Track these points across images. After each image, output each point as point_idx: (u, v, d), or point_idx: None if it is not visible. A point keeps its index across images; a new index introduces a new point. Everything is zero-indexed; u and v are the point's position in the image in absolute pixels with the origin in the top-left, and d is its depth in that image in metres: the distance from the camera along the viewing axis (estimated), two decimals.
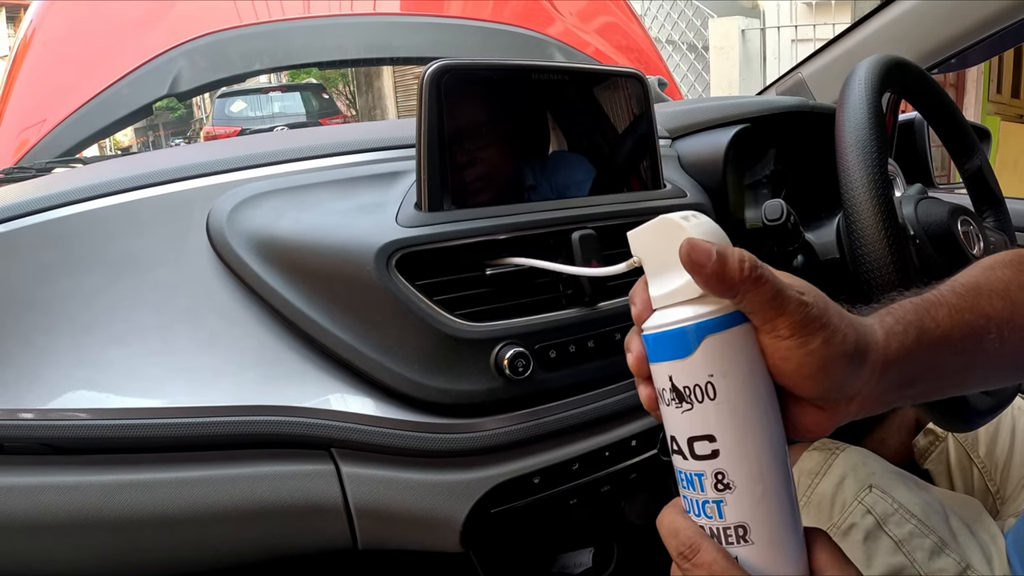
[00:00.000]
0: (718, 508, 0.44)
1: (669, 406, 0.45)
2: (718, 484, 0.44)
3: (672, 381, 0.44)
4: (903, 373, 0.48)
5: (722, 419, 0.43)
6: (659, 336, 0.45)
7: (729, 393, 0.43)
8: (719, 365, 0.43)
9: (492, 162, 0.79)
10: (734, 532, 0.44)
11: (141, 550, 0.70)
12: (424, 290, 0.71)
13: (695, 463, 0.45)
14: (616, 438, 0.81)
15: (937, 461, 1.15)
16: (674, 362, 0.44)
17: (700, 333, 0.43)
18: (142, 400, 0.67)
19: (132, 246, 0.73)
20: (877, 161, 0.76)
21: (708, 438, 0.44)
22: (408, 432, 0.71)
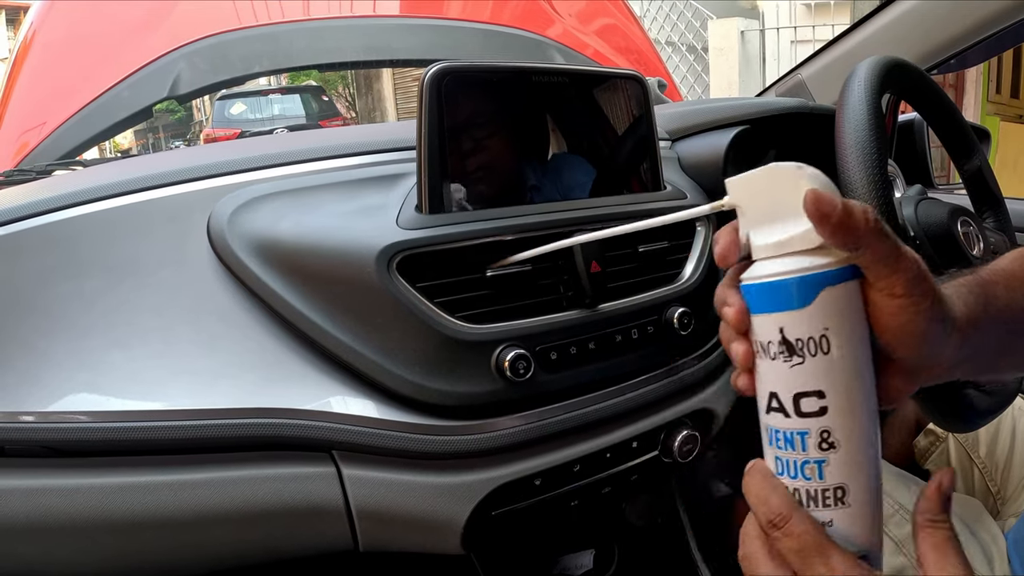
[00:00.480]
0: (819, 468, 0.43)
1: (775, 360, 0.44)
2: (823, 443, 0.43)
3: (783, 333, 0.43)
4: (975, 343, 0.48)
5: (834, 375, 0.43)
6: (772, 285, 0.43)
7: (844, 348, 0.42)
8: (835, 319, 0.42)
9: (493, 164, 0.79)
10: (832, 494, 0.44)
11: (142, 552, 0.70)
12: (425, 292, 0.71)
13: (799, 420, 0.43)
14: (617, 439, 0.81)
15: (938, 461, 1.15)
16: (787, 313, 0.43)
17: (819, 284, 0.42)
18: (143, 403, 0.67)
19: (133, 249, 0.73)
20: (877, 162, 0.75)
21: (817, 394, 0.43)
22: (409, 434, 0.71)
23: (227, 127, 7.40)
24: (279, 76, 10.31)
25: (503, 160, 0.80)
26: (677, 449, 0.85)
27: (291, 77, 10.02)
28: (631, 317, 0.80)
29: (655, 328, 0.82)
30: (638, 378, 0.82)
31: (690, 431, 0.86)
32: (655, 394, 0.83)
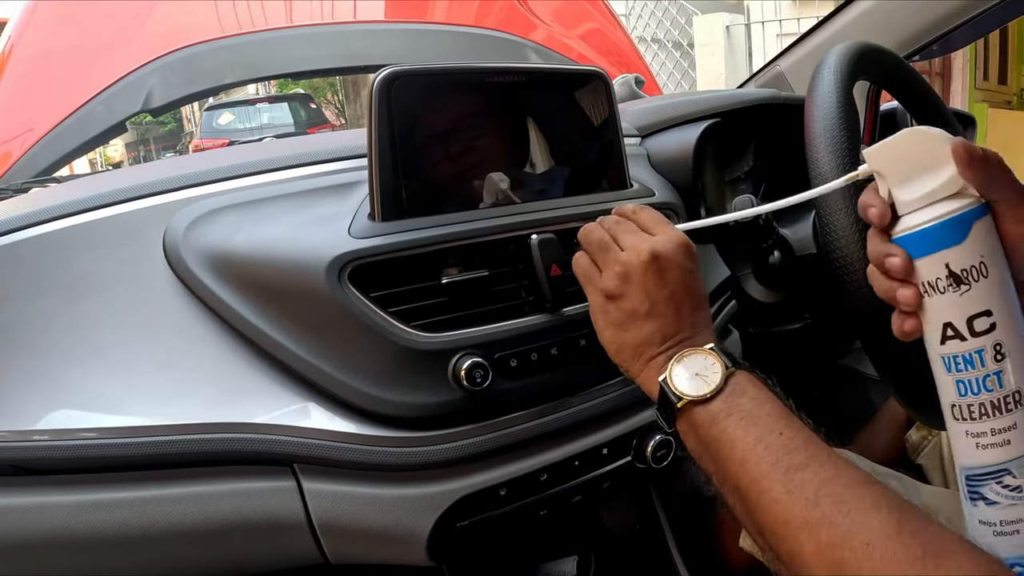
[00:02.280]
0: (998, 378, 0.50)
1: (944, 293, 0.50)
2: (997, 355, 0.49)
3: (949, 267, 0.49)
4: None
5: (996, 293, 0.49)
6: (933, 229, 0.50)
7: (997, 270, 0.49)
8: (988, 246, 0.49)
9: (451, 168, 0.77)
10: (1012, 398, 0.50)
11: (106, 570, 0.70)
12: (379, 302, 0.69)
13: (975, 340, 0.50)
14: (585, 447, 0.79)
15: (930, 456, 1.13)
16: (950, 249, 0.49)
17: (970, 219, 0.49)
18: (103, 420, 0.67)
19: (91, 266, 0.72)
20: (847, 150, 0.74)
21: (986, 313, 0.49)
22: (367, 446, 0.70)
23: (215, 137, 7.40)
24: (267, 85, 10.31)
25: (462, 165, 0.78)
26: (651, 454, 0.83)
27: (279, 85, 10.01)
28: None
29: None
30: (605, 383, 0.81)
31: (664, 435, 0.84)
32: (624, 399, 0.82)
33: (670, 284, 0.64)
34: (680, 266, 0.65)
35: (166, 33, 1.89)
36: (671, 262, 0.64)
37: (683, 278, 0.64)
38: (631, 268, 0.64)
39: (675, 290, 0.64)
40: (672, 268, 0.64)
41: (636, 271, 0.64)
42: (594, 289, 0.67)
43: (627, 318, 0.64)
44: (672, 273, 0.64)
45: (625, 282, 0.64)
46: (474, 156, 0.79)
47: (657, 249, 0.64)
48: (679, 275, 0.64)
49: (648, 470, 0.85)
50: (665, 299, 0.64)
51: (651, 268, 0.63)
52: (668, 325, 0.64)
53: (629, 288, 0.64)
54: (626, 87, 1.61)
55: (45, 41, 1.92)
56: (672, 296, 0.64)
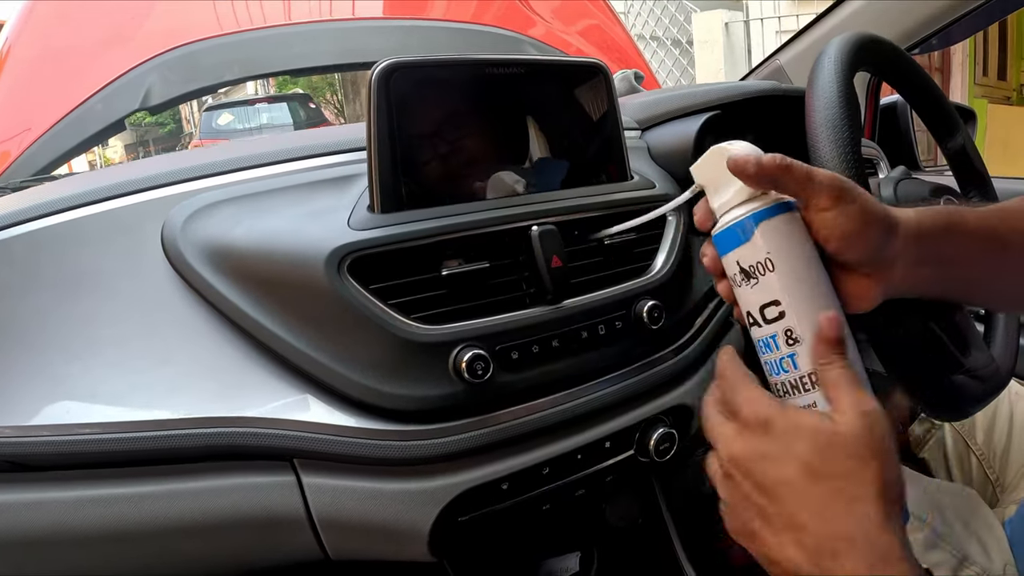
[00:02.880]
0: (792, 361, 0.55)
1: (741, 286, 0.57)
2: (788, 340, 0.55)
3: (739, 264, 0.56)
4: (935, 250, 0.57)
5: (782, 285, 0.54)
6: (724, 232, 0.57)
7: (785, 263, 0.54)
8: (773, 243, 0.54)
9: (450, 161, 0.77)
10: (809, 379, 0.54)
11: (106, 566, 0.69)
12: (379, 294, 0.68)
13: (768, 327, 0.56)
14: (588, 440, 0.79)
15: (933, 450, 1.13)
16: (738, 248, 0.56)
17: (755, 221, 0.55)
18: (101, 415, 0.67)
19: (89, 261, 0.72)
20: (849, 140, 0.73)
21: (774, 303, 0.55)
22: (367, 440, 0.69)
23: (215, 137, 7.40)
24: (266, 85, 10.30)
25: (462, 156, 0.78)
26: (654, 448, 0.83)
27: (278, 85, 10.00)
28: (597, 312, 0.78)
29: (624, 323, 0.80)
30: (607, 376, 0.80)
31: (667, 429, 0.84)
32: (627, 391, 0.81)
33: (749, 502, 0.51)
34: (755, 475, 0.51)
35: (165, 31, 1.89)
36: (747, 475, 0.51)
37: (787, 479, 0.49)
38: (721, 475, 0.54)
39: (760, 511, 0.50)
40: (750, 485, 0.51)
41: (722, 481, 0.54)
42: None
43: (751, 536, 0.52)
44: (754, 495, 0.51)
45: (727, 489, 0.54)
46: (474, 148, 0.78)
47: (734, 452, 0.52)
48: (758, 487, 0.50)
49: (651, 464, 0.84)
50: (763, 517, 0.50)
51: (730, 477, 0.53)
52: (786, 552, 0.48)
53: (734, 497, 0.53)
54: (625, 83, 1.61)
55: (43, 40, 1.93)
56: (756, 520, 0.51)
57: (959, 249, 0.59)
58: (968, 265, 0.60)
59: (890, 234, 0.55)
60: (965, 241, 0.59)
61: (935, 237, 0.57)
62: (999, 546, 0.84)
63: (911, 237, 0.55)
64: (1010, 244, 0.61)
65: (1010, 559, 0.83)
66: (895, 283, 0.56)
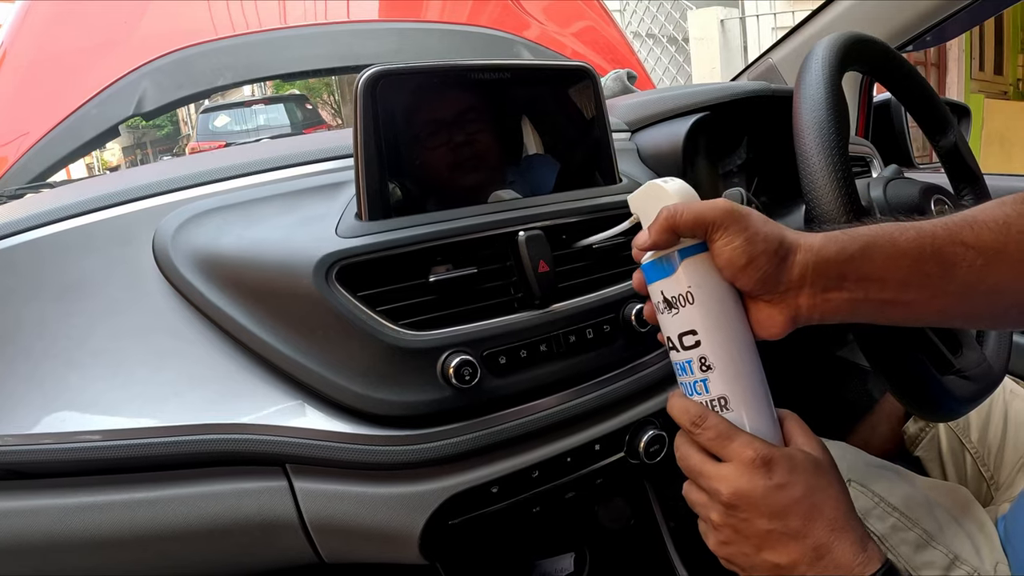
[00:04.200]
0: (704, 385, 0.59)
1: (663, 314, 0.60)
2: (702, 366, 0.59)
3: (663, 294, 0.60)
4: (845, 274, 0.57)
5: (699, 316, 0.58)
6: (652, 264, 0.60)
7: (703, 297, 0.58)
8: (694, 278, 0.58)
9: (438, 167, 0.77)
10: (718, 402, 0.59)
11: (103, 571, 0.70)
12: (366, 301, 0.69)
13: (685, 353, 0.60)
14: (577, 443, 0.79)
15: (928, 448, 1.13)
16: (663, 280, 0.59)
17: (681, 257, 0.58)
18: (97, 423, 0.67)
19: (84, 270, 0.73)
20: (835, 142, 0.73)
21: (691, 332, 0.59)
22: (357, 445, 0.69)
23: (212, 139, 7.35)
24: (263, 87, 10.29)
25: (450, 163, 0.78)
26: (643, 450, 0.83)
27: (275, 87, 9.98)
28: (585, 316, 0.78)
29: (612, 327, 0.80)
30: (597, 379, 0.80)
31: (657, 430, 0.84)
32: (616, 394, 0.81)
33: (757, 531, 0.57)
34: (764, 504, 0.57)
35: (158, 36, 1.89)
36: (752, 506, 0.57)
37: (775, 514, 0.56)
38: (721, 512, 0.59)
39: (768, 535, 0.57)
40: (755, 515, 0.57)
41: (725, 523, 0.59)
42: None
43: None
44: (758, 521, 0.57)
45: (730, 524, 0.58)
46: (461, 154, 0.78)
47: (741, 490, 0.57)
48: (767, 514, 0.57)
49: (641, 466, 0.85)
50: (758, 551, 0.58)
51: (734, 511, 0.58)
52: (790, 558, 0.56)
53: (733, 536, 0.59)
54: (618, 82, 1.60)
55: (39, 44, 1.92)
56: (765, 545, 0.57)
57: (885, 271, 0.57)
58: (897, 287, 0.58)
59: (783, 263, 0.56)
60: (892, 262, 0.57)
61: (846, 262, 0.56)
62: (990, 545, 0.84)
63: (810, 264, 0.56)
64: (956, 262, 0.58)
65: (1002, 558, 0.83)
66: (803, 311, 0.57)
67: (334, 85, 11.51)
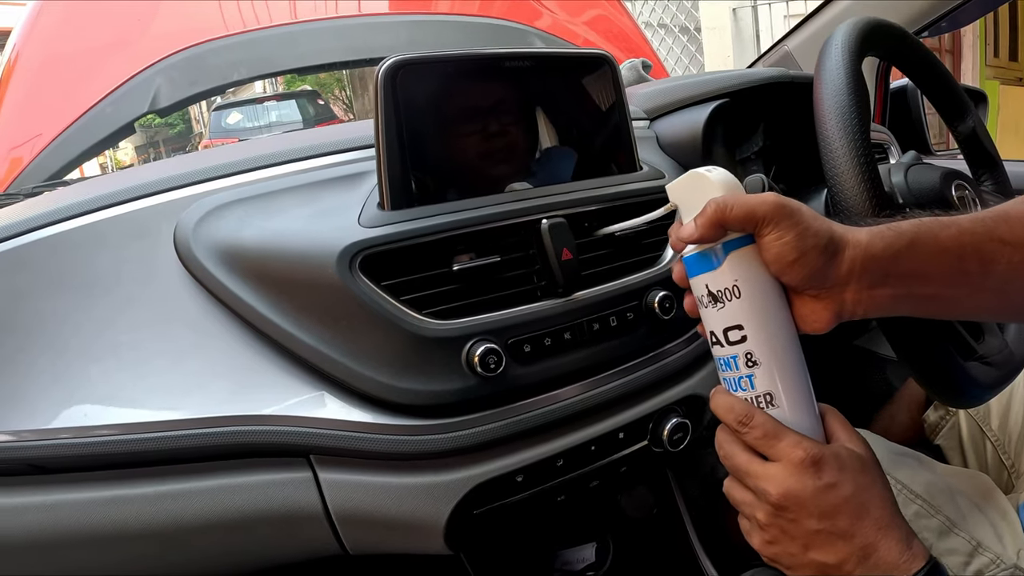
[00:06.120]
0: (750, 381, 0.58)
1: (707, 308, 0.59)
2: (748, 362, 0.58)
3: (708, 288, 0.58)
4: (891, 270, 0.56)
5: (746, 311, 0.57)
6: (695, 256, 0.59)
7: (750, 291, 0.57)
8: (741, 272, 0.57)
9: (459, 156, 0.77)
10: (764, 399, 0.58)
11: (128, 565, 0.70)
12: (390, 290, 0.69)
13: (730, 348, 0.58)
14: (601, 431, 0.79)
15: (948, 436, 1.12)
16: (708, 273, 0.58)
17: (726, 250, 0.57)
18: (120, 416, 0.67)
19: (103, 265, 0.73)
20: (858, 127, 0.72)
21: (738, 327, 0.57)
22: (382, 435, 0.69)
23: (225, 136, 7.38)
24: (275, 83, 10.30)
25: (471, 152, 0.78)
26: (667, 438, 0.83)
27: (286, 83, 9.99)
28: (609, 304, 0.78)
29: (635, 314, 0.80)
30: (620, 367, 0.80)
31: (680, 419, 0.84)
32: (639, 382, 0.81)
33: (805, 531, 0.57)
34: (814, 504, 0.56)
35: (171, 34, 1.89)
36: (802, 506, 0.56)
37: (824, 514, 0.56)
38: (765, 520, 0.58)
39: (816, 535, 0.57)
40: (804, 515, 0.56)
41: (772, 523, 0.58)
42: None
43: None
44: (807, 521, 0.56)
45: (777, 525, 0.58)
46: (481, 142, 0.78)
47: (791, 490, 0.56)
48: (816, 514, 0.56)
49: (665, 454, 0.84)
50: (805, 551, 0.57)
51: (783, 512, 0.57)
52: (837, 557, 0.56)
53: (780, 536, 0.58)
54: (633, 72, 1.60)
55: (50, 46, 1.93)
56: (813, 545, 0.57)
57: (929, 268, 0.58)
58: (943, 283, 0.59)
59: (833, 259, 0.55)
60: (936, 259, 0.58)
61: (893, 258, 0.56)
62: (1012, 532, 0.84)
63: (859, 260, 0.56)
64: (995, 258, 0.59)
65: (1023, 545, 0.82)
66: (848, 306, 0.57)
67: (345, 81, 11.52)
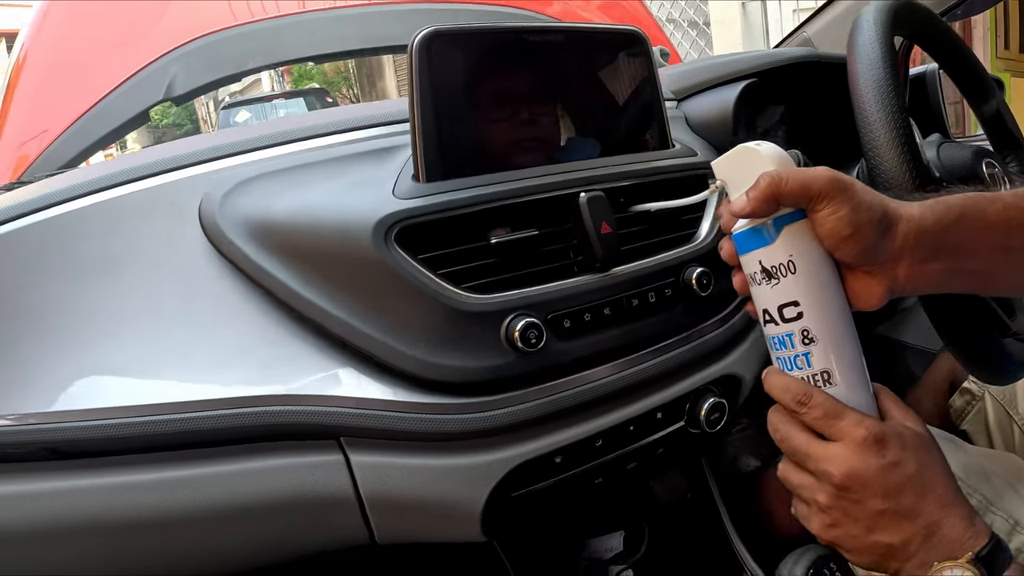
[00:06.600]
0: (807, 359, 0.57)
1: (760, 285, 0.57)
2: (804, 339, 0.56)
3: (761, 264, 0.56)
4: (941, 245, 0.56)
5: (802, 287, 0.56)
6: (746, 232, 0.57)
7: (805, 267, 0.55)
8: (795, 247, 0.55)
9: (492, 129, 0.76)
10: (820, 377, 0.57)
11: (150, 555, 0.68)
12: (427, 264, 0.67)
13: (785, 326, 0.57)
14: (640, 411, 0.77)
15: (975, 421, 1.11)
16: (762, 249, 0.56)
17: (779, 225, 0.55)
18: (142, 398, 0.65)
19: (127, 240, 0.71)
20: (895, 99, 0.72)
21: (793, 303, 0.56)
22: (417, 415, 0.67)
23: None
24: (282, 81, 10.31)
25: (503, 125, 0.77)
26: (704, 418, 0.81)
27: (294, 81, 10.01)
28: (646, 280, 0.76)
29: (673, 291, 0.78)
30: (658, 344, 0.78)
31: (717, 398, 0.82)
32: (677, 360, 0.79)
33: (870, 512, 0.55)
34: (879, 484, 0.55)
35: (183, 25, 1.89)
36: (866, 486, 0.55)
37: (889, 493, 0.55)
38: (827, 502, 0.57)
39: (880, 516, 0.55)
40: (869, 495, 0.55)
41: (834, 504, 0.56)
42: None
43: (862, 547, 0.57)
44: (871, 501, 0.55)
45: (841, 506, 0.56)
46: (514, 117, 0.77)
47: (854, 470, 0.55)
48: (881, 494, 0.55)
49: (701, 435, 0.83)
50: (869, 532, 0.56)
51: (846, 493, 0.56)
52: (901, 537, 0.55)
53: (842, 518, 0.57)
54: None
55: (60, 40, 1.94)
56: (876, 526, 0.55)
57: (976, 242, 0.58)
58: (988, 258, 0.59)
59: (887, 233, 0.55)
60: (982, 234, 0.58)
61: (943, 233, 0.56)
62: None
63: (912, 235, 0.55)
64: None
65: None
66: (900, 281, 0.56)
67: (353, 78, 11.56)
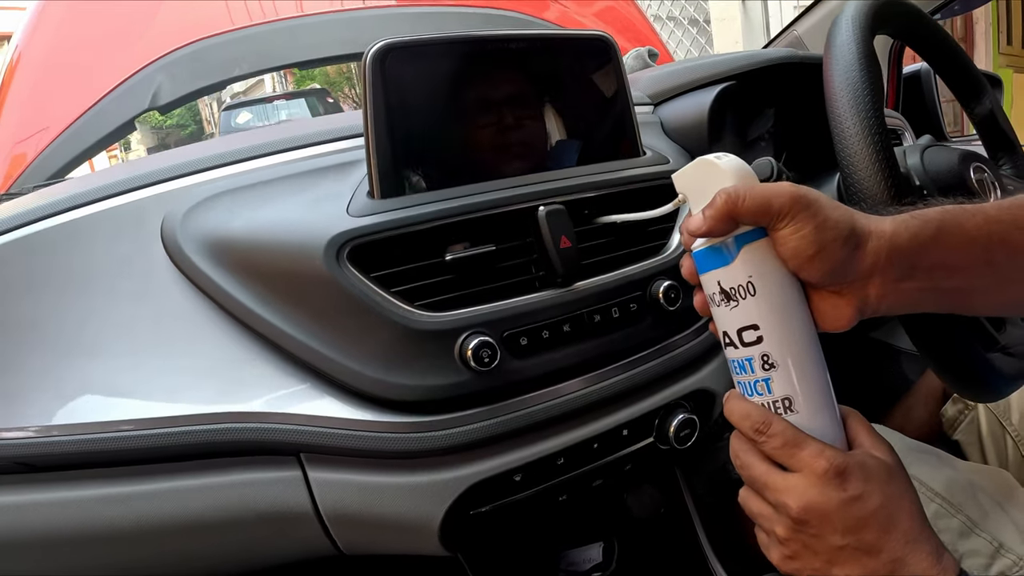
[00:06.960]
0: (767, 384, 0.54)
1: (719, 306, 0.55)
2: (764, 364, 0.54)
3: (720, 285, 0.54)
4: (917, 263, 0.53)
5: (762, 310, 0.53)
6: (706, 251, 0.54)
7: (765, 288, 0.53)
8: (755, 267, 0.52)
9: (452, 142, 0.74)
10: (782, 404, 0.54)
11: (114, 565, 0.69)
12: (380, 282, 0.66)
13: (744, 350, 0.54)
14: (604, 428, 0.76)
15: (967, 431, 1.09)
16: (721, 269, 0.54)
17: (739, 244, 0.53)
18: (109, 414, 0.66)
19: (95, 259, 0.71)
20: (871, 105, 0.69)
21: (753, 327, 0.53)
22: (373, 433, 0.67)
23: None
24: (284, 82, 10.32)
25: (465, 138, 0.75)
26: (674, 434, 0.79)
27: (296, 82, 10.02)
28: (611, 294, 0.75)
29: (639, 305, 0.77)
30: (624, 360, 0.77)
31: (688, 414, 0.81)
32: (644, 376, 0.78)
33: (829, 547, 0.53)
34: (839, 518, 0.52)
35: (172, 30, 1.89)
36: (825, 521, 0.52)
37: (849, 529, 0.52)
38: (785, 535, 0.55)
39: (840, 551, 0.53)
40: (828, 530, 0.53)
41: (792, 537, 0.54)
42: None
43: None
44: (831, 536, 0.53)
45: (799, 538, 0.54)
46: (476, 129, 0.75)
47: (812, 503, 0.53)
48: (841, 529, 0.53)
49: (671, 451, 0.81)
50: (829, 567, 0.54)
51: (803, 526, 0.53)
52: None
53: (801, 551, 0.55)
54: (639, 60, 1.57)
55: (52, 45, 1.94)
56: (837, 560, 0.53)
57: (955, 259, 0.55)
58: (967, 276, 0.55)
59: (856, 251, 0.52)
60: (962, 250, 0.55)
61: (919, 249, 0.53)
62: None
63: (883, 252, 0.52)
64: (1021, 248, 0.56)
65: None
66: (871, 302, 0.53)
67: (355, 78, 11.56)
